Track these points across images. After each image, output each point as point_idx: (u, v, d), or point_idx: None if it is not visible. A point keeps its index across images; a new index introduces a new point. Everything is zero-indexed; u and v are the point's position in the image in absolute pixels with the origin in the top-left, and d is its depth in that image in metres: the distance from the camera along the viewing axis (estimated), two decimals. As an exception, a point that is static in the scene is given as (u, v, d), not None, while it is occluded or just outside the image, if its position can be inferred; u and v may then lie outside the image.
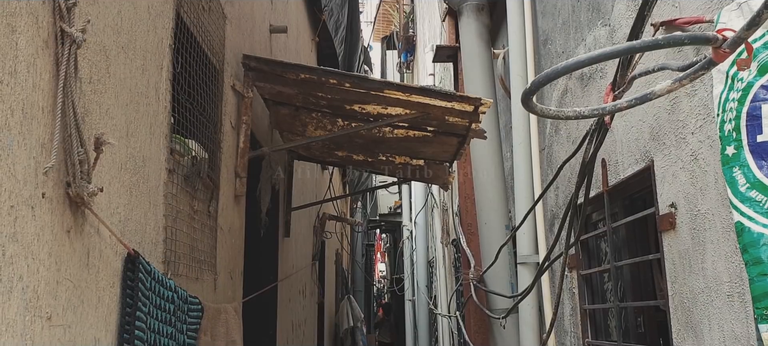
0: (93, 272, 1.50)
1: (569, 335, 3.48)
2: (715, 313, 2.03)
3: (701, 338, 2.12)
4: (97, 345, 1.51)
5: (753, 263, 1.50)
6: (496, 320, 4.18)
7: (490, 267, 4.12)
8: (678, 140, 2.24)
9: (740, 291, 1.90)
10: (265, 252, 3.86)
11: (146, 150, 1.88)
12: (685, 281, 2.21)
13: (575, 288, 3.39)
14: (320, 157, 4.25)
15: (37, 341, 1.24)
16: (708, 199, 2.06)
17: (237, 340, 2.58)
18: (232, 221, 2.87)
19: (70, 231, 1.39)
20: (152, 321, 1.77)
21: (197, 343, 2.17)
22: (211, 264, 2.49)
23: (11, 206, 1.16)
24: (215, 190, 2.56)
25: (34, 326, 1.24)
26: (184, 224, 2.19)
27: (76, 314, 1.41)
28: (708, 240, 2.06)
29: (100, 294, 1.54)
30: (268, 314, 3.90)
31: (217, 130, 2.63)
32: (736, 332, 1.92)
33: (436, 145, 3.57)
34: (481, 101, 2.81)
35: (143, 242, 1.81)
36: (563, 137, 3.48)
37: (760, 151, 1.58)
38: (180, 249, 2.14)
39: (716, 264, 2.02)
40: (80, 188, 1.36)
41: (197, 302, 2.17)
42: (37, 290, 1.24)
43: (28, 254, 1.22)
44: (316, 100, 3.15)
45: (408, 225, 11.49)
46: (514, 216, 4.23)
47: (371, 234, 15.86)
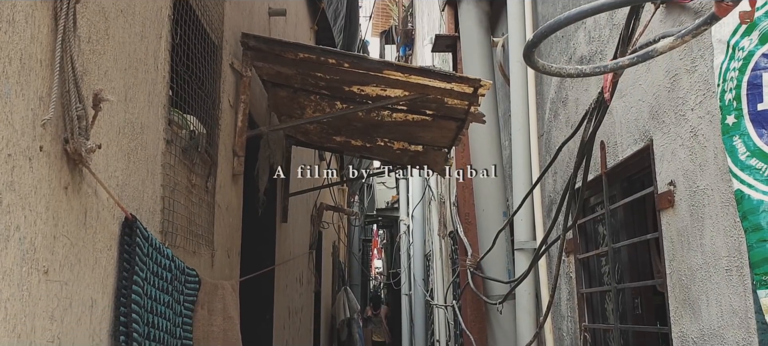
0: (90, 233, 1.49)
1: (566, 319, 3.48)
2: (713, 288, 2.03)
3: (699, 314, 2.12)
4: (93, 306, 1.50)
5: (752, 230, 1.50)
6: (492, 307, 4.18)
7: (488, 253, 4.12)
8: (678, 117, 2.24)
9: (739, 265, 1.89)
10: (262, 236, 3.85)
11: (144, 118, 1.87)
12: (684, 258, 2.21)
13: (572, 272, 3.39)
14: (318, 142, 4.24)
15: (34, 294, 1.24)
16: (707, 174, 2.06)
17: (234, 317, 2.57)
18: (230, 200, 2.86)
19: (68, 188, 1.38)
20: (149, 288, 1.76)
21: (194, 315, 2.16)
22: (208, 240, 2.48)
23: (8, 154, 1.15)
24: (213, 166, 2.55)
25: (31, 279, 1.23)
26: (181, 196, 2.18)
27: (73, 272, 1.40)
28: (707, 216, 2.06)
29: (98, 256, 1.53)
30: (265, 299, 3.89)
31: (215, 107, 2.62)
32: (734, 305, 1.92)
33: (434, 130, 3.57)
34: (481, 83, 2.80)
35: (141, 210, 1.81)
36: (562, 122, 3.48)
37: (761, 120, 1.58)
38: (178, 221, 2.13)
39: (715, 239, 2.02)
40: (78, 144, 1.35)
41: (195, 274, 2.16)
42: (34, 242, 1.23)
43: (26, 205, 1.21)
44: (315, 81, 3.14)
45: (405, 220, 11.49)
46: (511, 205, 4.23)
47: (368, 230, 15.86)
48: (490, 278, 4.13)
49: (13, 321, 1.16)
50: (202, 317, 2.26)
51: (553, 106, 3.64)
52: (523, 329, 3.78)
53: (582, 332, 3.23)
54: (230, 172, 2.85)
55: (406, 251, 11.06)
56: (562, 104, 3.47)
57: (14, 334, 1.16)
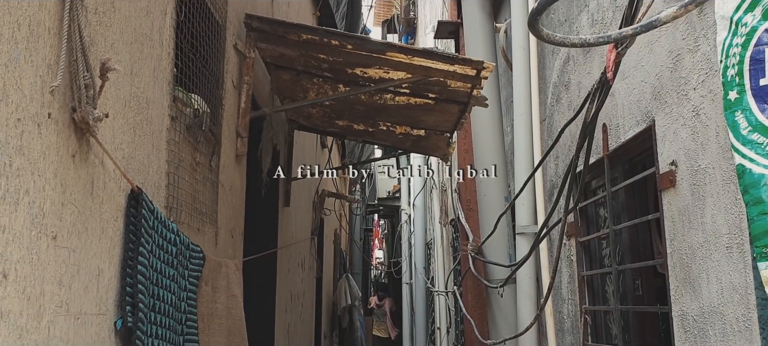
0: (97, 203, 1.51)
1: (566, 302, 3.50)
2: (714, 266, 2.05)
3: (699, 292, 2.14)
4: (100, 275, 1.52)
5: (753, 203, 1.51)
6: (493, 291, 4.21)
7: (489, 238, 4.14)
8: (680, 97, 2.25)
9: (739, 242, 1.91)
10: (264, 219, 3.87)
11: (150, 93, 1.88)
12: (684, 237, 2.23)
13: (573, 256, 3.41)
14: (320, 126, 4.25)
15: (43, 258, 1.25)
16: (709, 153, 2.07)
17: (237, 295, 2.59)
18: (234, 181, 2.88)
19: (75, 156, 1.39)
20: (155, 260, 1.78)
21: (198, 291, 2.18)
22: (212, 218, 2.50)
23: (18, 119, 1.17)
24: (217, 145, 2.56)
25: (40, 243, 1.24)
26: (186, 173, 2.19)
27: (80, 239, 1.41)
28: (708, 194, 2.07)
29: (104, 226, 1.55)
30: (268, 282, 3.91)
31: (219, 86, 2.63)
32: (734, 282, 1.93)
33: (437, 114, 3.58)
34: (484, 65, 2.81)
35: (146, 184, 1.82)
36: (564, 106, 3.49)
37: (763, 95, 1.59)
38: (182, 197, 2.14)
39: (716, 217, 2.03)
40: (86, 113, 1.37)
41: (199, 250, 2.18)
42: (42, 207, 1.25)
43: (34, 170, 1.22)
44: (318, 63, 3.15)
45: (406, 209, 11.52)
46: (513, 190, 4.24)
47: (369, 219, 15.88)
48: (492, 261, 4.15)
49: (24, 283, 1.18)
50: (206, 294, 2.28)
51: (556, 91, 3.64)
52: (523, 312, 3.80)
53: (582, 314, 3.25)
54: (233, 153, 2.87)
55: (407, 240, 11.09)
56: (565, 88, 3.48)
57: (24, 296, 1.18)
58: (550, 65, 3.74)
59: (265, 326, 3.81)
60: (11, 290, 1.14)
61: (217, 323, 2.38)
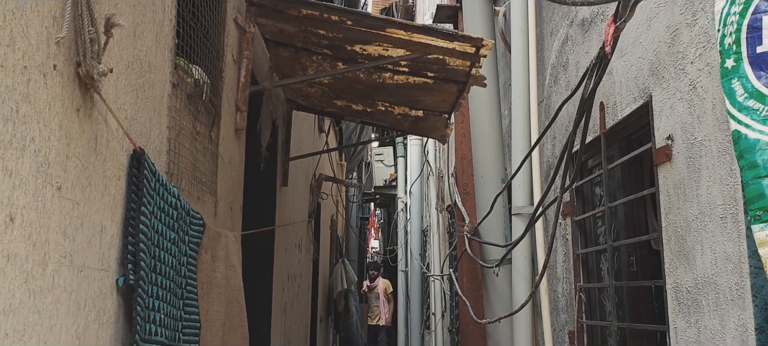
0: (100, 159, 1.52)
1: (561, 281, 3.54)
2: (708, 237, 2.08)
3: (693, 263, 2.17)
4: (103, 231, 1.54)
5: (748, 168, 1.53)
6: (489, 273, 4.24)
7: (486, 219, 4.17)
8: (677, 72, 2.27)
9: (733, 212, 1.94)
10: (262, 197, 3.89)
11: (152, 57, 1.89)
12: (680, 210, 2.26)
13: (569, 235, 3.44)
14: (319, 106, 4.26)
15: (48, 207, 1.27)
16: (705, 125, 2.09)
17: (236, 266, 2.61)
18: (233, 154, 2.89)
19: (80, 110, 1.40)
20: (156, 222, 1.80)
21: (198, 258, 2.20)
22: (212, 189, 2.52)
23: (24, 66, 1.18)
24: (217, 117, 2.57)
25: (46, 192, 1.26)
26: (186, 141, 2.21)
27: (84, 193, 1.43)
28: (703, 166, 2.10)
29: (107, 183, 1.56)
30: (266, 259, 3.93)
31: (219, 59, 2.64)
32: (728, 252, 1.96)
33: (435, 94, 3.59)
34: (483, 42, 2.82)
35: (147, 147, 1.83)
36: (562, 87, 3.51)
37: (759, 62, 1.61)
38: (183, 164, 2.16)
39: (711, 189, 2.06)
40: (90, 67, 1.38)
41: (199, 217, 2.20)
42: (48, 156, 1.26)
43: (40, 119, 1.24)
44: (318, 40, 3.15)
45: (403, 197, 11.55)
46: (510, 173, 4.27)
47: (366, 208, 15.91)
48: (487, 242, 4.18)
49: (29, 229, 1.19)
50: (206, 262, 2.30)
51: (554, 72, 3.66)
52: (518, 292, 3.84)
53: (577, 292, 3.28)
54: (233, 126, 2.88)
55: (403, 228, 11.13)
56: (563, 69, 3.50)
57: (30, 242, 1.20)
58: (549, 46, 3.76)
59: (263, 303, 3.84)
60: (17, 234, 1.15)
61: (216, 292, 2.40)
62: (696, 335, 2.15)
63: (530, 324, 3.81)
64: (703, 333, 2.11)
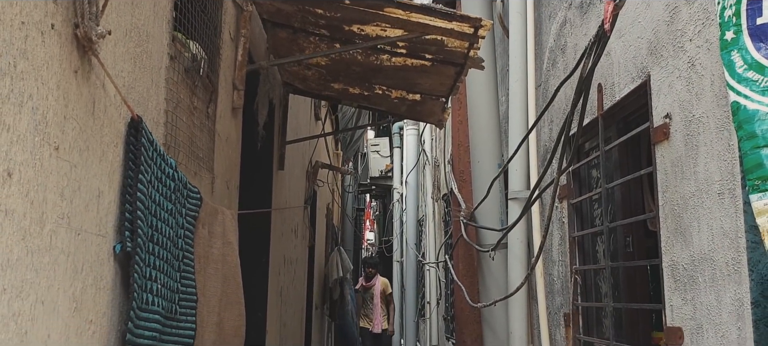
0: (98, 124, 1.51)
1: (557, 264, 3.54)
2: (705, 213, 2.08)
3: (690, 240, 2.18)
4: (100, 197, 1.53)
5: (747, 138, 1.54)
6: (484, 258, 4.25)
7: (482, 204, 4.17)
8: (676, 50, 2.27)
9: (731, 187, 1.94)
10: (259, 180, 3.88)
11: (150, 27, 1.88)
12: (677, 187, 2.26)
13: (565, 218, 3.44)
14: (316, 90, 4.25)
15: (46, 167, 1.26)
16: (703, 102, 2.10)
17: (233, 242, 2.60)
18: (230, 132, 2.88)
19: (77, 72, 1.39)
20: (153, 191, 1.79)
21: (195, 232, 2.19)
22: (209, 165, 2.51)
23: (21, 22, 1.17)
24: (214, 93, 2.56)
25: (43, 151, 1.25)
26: (183, 115, 2.20)
27: (81, 156, 1.42)
28: (701, 143, 2.11)
29: (104, 149, 1.55)
30: (262, 242, 3.93)
31: (216, 36, 2.63)
32: (725, 227, 1.97)
33: (433, 76, 3.59)
34: (482, 22, 2.82)
35: (145, 118, 1.82)
36: (560, 70, 3.51)
37: (759, 34, 1.61)
38: (180, 138, 2.15)
39: (708, 165, 2.06)
40: (88, 28, 1.37)
41: (197, 190, 2.19)
42: (46, 115, 1.25)
43: (38, 77, 1.23)
44: (315, 19, 3.14)
45: (399, 188, 11.56)
46: (507, 158, 4.27)
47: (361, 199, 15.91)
48: (484, 226, 4.18)
49: (27, 186, 1.19)
50: (203, 237, 2.30)
51: (552, 55, 3.66)
52: (514, 276, 3.84)
53: (572, 274, 3.29)
54: (230, 104, 2.87)
55: (399, 218, 11.14)
56: (561, 52, 3.49)
57: (27, 199, 1.19)
58: (547, 30, 3.76)
59: (259, 285, 3.84)
60: (15, 190, 1.14)
61: (213, 268, 2.40)
62: (692, 312, 2.16)
63: (525, 307, 3.82)
64: (699, 310, 2.12)
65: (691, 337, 2.16)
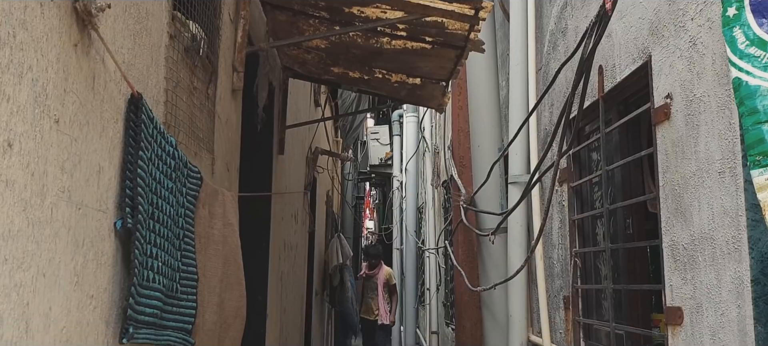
0: (98, 100, 1.51)
1: (557, 247, 3.55)
2: (705, 193, 2.08)
3: (690, 220, 2.18)
4: (101, 172, 1.53)
5: (748, 114, 1.54)
6: (484, 243, 4.25)
7: (482, 189, 4.17)
8: (677, 29, 2.27)
9: (732, 166, 1.94)
10: (259, 164, 3.88)
11: (150, 5, 1.87)
12: (677, 168, 2.26)
13: (565, 201, 3.44)
14: (315, 74, 4.23)
15: (46, 139, 1.26)
16: (705, 81, 2.09)
17: (234, 224, 2.61)
18: (229, 114, 2.88)
19: (77, 46, 1.39)
20: (154, 169, 1.79)
21: (196, 212, 2.19)
22: (209, 146, 2.50)
23: (21, -8, 1.16)
24: (214, 74, 2.55)
25: (43, 123, 1.24)
26: (183, 94, 2.19)
27: (81, 131, 1.42)
28: (702, 122, 2.10)
29: (105, 125, 1.55)
30: (262, 226, 3.93)
31: (216, 16, 2.61)
32: (726, 206, 1.97)
33: (433, 60, 3.57)
34: (482, 3, 2.80)
35: (145, 95, 1.81)
36: (561, 53, 3.50)
37: (762, 9, 1.61)
38: (180, 117, 2.14)
39: (709, 144, 2.06)
40: (88, 2, 1.36)
41: (197, 170, 2.18)
42: (45, 87, 1.25)
43: (37, 49, 1.22)
44: (315, 1, 3.13)
45: (398, 176, 11.57)
46: (507, 143, 4.26)
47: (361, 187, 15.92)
48: (484, 210, 4.19)
49: (28, 158, 1.18)
50: (203, 217, 2.29)
51: (553, 38, 3.65)
52: (514, 260, 3.85)
53: (572, 257, 3.30)
54: (230, 86, 2.86)
55: (398, 206, 11.15)
56: (562, 35, 3.48)
57: (28, 171, 1.19)
58: (548, 13, 3.74)
59: (259, 269, 3.84)
60: (15, 160, 1.14)
61: (214, 249, 2.40)
62: (691, 291, 2.17)
63: (525, 291, 3.83)
64: (698, 289, 2.12)
65: (691, 316, 2.17)
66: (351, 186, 12.25)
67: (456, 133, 5.12)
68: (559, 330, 3.49)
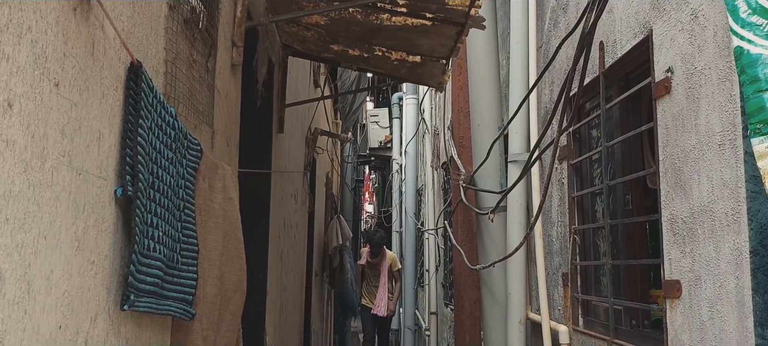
0: (98, 66, 1.50)
1: (556, 225, 3.56)
2: (705, 165, 2.08)
3: (689, 193, 2.18)
4: (101, 139, 1.52)
5: (750, 82, 1.53)
6: (483, 222, 4.26)
7: (481, 167, 4.17)
8: (678, 3, 2.26)
9: (732, 138, 1.94)
10: (259, 141, 3.87)
11: (148, -27, 1.86)
12: (677, 141, 2.26)
13: (565, 179, 3.45)
14: (315, 52, 4.22)
15: (46, 102, 1.25)
16: (706, 54, 2.08)
17: (234, 198, 2.61)
18: (229, 90, 2.87)
19: (76, 10, 1.38)
20: (154, 138, 1.78)
21: (196, 184, 2.19)
22: (209, 119, 2.50)
23: (19, -49, 1.15)
24: (213, 48, 2.54)
25: (43, 86, 1.24)
26: (183, 66, 2.18)
27: (81, 96, 1.41)
28: (703, 95, 2.10)
29: (104, 92, 1.54)
30: (262, 204, 3.93)
31: (215, -11, 2.59)
32: (725, 178, 1.97)
33: (433, 37, 3.56)
34: (483, -22, 2.78)
35: (145, 65, 1.81)
36: (562, 30, 3.48)
37: (764, -23, 1.60)
38: (180, 89, 2.13)
39: (710, 117, 2.06)
40: (86, -35, 1.35)
41: (197, 142, 2.18)
42: (45, 50, 1.24)
43: (36, 10, 1.21)
44: (315, -23, 3.11)
45: (398, 159, 11.57)
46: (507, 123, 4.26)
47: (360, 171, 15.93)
48: (483, 189, 4.19)
49: (28, 119, 1.18)
50: (203, 190, 2.29)
51: (553, 15, 3.63)
52: (513, 238, 3.86)
53: (572, 234, 3.31)
54: (229, 61, 2.85)
55: (398, 189, 11.16)
56: (563, 11, 3.47)
57: (28, 132, 1.18)
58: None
59: (259, 247, 3.85)
60: (16, 121, 1.14)
61: (214, 222, 2.40)
62: (690, 264, 2.18)
63: (524, 269, 3.84)
64: (697, 261, 2.13)
65: (689, 289, 2.18)
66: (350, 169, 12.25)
67: (456, 114, 5.11)
68: (557, 307, 3.51)
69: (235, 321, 2.62)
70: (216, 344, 2.42)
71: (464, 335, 4.87)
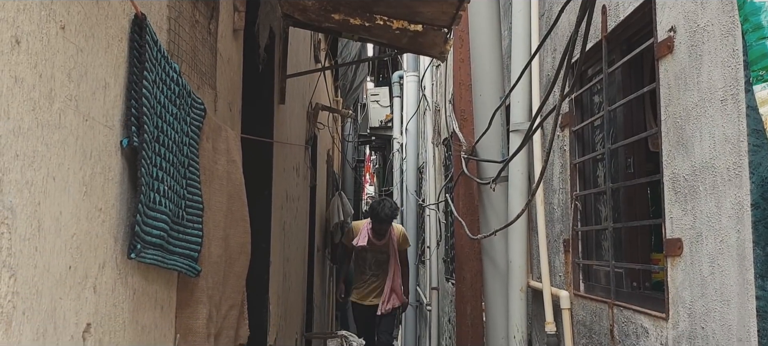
0: (102, 15, 1.50)
1: (557, 192, 3.57)
2: (707, 122, 2.09)
3: (691, 151, 2.19)
4: (107, 88, 1.53)
5: (753, 30, 1.54)
6: (485, 192, 4.27)
7: (483, 137, 4.18)
8: (682, -40, 2.25)
9: (734, 92, 1.95)
10: (260, 111, 3.88)
11: (150, -72, 1.85)
12: (680, 100, 2.27)
13: (566, 146, 3.46)
14: (316, 21, 4.20)
15: (53, 44, 1.26)
16: (708, 10, 2.08)
17: (237, 161, 2.62)
18: (231, 54, 2.87)
19: (81, -45, 1.38)
20: (158, 93, 1.79)
21: (200, 143, 2.20)
22: (211, 81, 2.50)
23: None
24: (215, 10, 2.54)
25: (50, 27, 1.24)
26: (186, 25, 2.18)
27: (87, 42, 1.42)
28: (705, 52, 2.10)
29: (109, 41, 1.55)
30: (265, 174, 3.94)
31: (217, -48, 2.58)
32: (727, 133, 1.98)
33: (435, 4, 3.54)
34: (485, -58, 2.77)
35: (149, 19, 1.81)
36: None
37: (768, -76, 1.60)
38: (183, 48, 2.13)
39: (712, 73, 2.06)
40: None
41: (201, 101, 2.19)
42: (50, -9, 1.25)
43: (42, -50, 1.21)
44: (317, -58, 3.09)
45: (399, 138, 11.57)
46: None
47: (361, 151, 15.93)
48: (485, 159, 4.20)
49: (35, 58, 1.19)
50: (207, 150, 2.30)
51: (556, -18, 3.61)
52: (514, 207, 3.88)
53: (573, 200, 3.32)
54: (231, 26, 2.84)
55: (399, 168, 11.17)
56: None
57: (36, 71, 1.19)
58: (551, -41, 3.71)
59: (262, 217, 3.87)
60: (24, 58, 1.14)
61: (218, 183, 2.42)
62: (692, 221, 2.19)
63: (525, 237, 3.87)
64: (698, 218, 2.15)
65: (690, 246, 2.20)
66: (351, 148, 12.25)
67: (457, 87, 5.11)
68: (558, 274, 3.53)
69: (240, 282, 2.65)
70: (221, 303, 2.45)
71: (466, 306, 4.91)
